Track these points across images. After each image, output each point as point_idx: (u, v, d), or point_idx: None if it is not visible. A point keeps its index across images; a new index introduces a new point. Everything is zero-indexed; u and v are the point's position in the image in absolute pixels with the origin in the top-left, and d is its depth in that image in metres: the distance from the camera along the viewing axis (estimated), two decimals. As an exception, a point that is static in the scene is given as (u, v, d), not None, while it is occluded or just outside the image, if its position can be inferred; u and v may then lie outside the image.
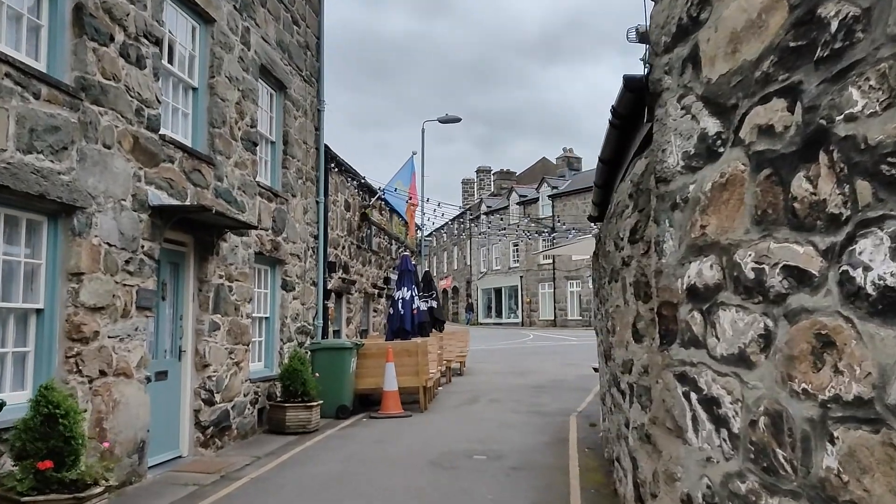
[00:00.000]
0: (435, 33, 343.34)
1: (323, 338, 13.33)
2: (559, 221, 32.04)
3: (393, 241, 19.83)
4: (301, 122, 12.64)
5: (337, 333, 15.32)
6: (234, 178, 9.74)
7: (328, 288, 13.75)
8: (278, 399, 11.00)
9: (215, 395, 9.23)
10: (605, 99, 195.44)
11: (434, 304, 18.71)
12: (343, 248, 15.31)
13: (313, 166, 13.21)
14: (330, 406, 11.69)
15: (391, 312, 14.62)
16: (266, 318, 11.47)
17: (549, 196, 48.24)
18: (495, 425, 10.93)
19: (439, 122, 23.83)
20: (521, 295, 51.89)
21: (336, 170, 14.44)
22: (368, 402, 13.11)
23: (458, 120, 24.00)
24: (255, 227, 9.54)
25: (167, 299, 8.50)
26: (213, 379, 9.19)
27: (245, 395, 10.15)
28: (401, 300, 14.40)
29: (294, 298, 12.22)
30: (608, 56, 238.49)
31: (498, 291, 55.32)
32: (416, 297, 14.62)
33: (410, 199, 16.72)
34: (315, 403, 10.80)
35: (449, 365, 17.70)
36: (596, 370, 16.34)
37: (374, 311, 18.78)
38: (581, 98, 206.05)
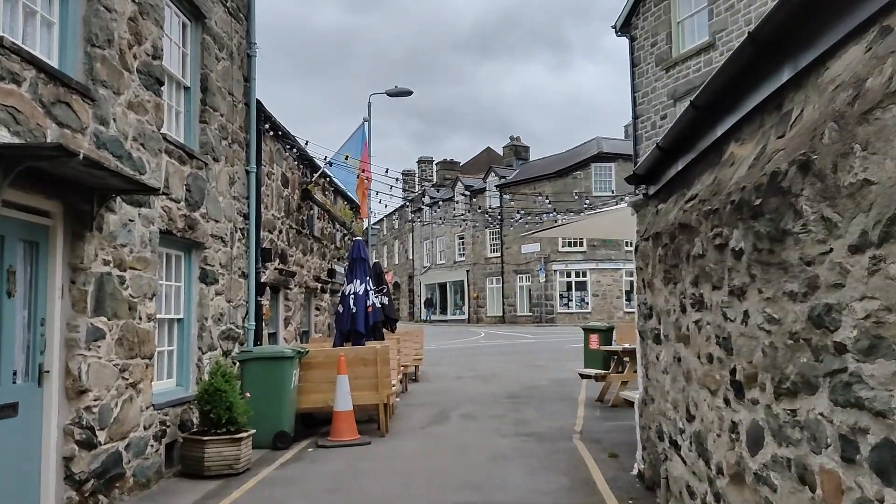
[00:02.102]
0: (368, 27, 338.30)
1: (256, 344, 10.54)
2: (520, 211, 29.83)
3: (338, 227, 17.05)
4: (225, 67, 9.80)
5: (273, 338, 12.52)
6: (126, 123, 6.90)
7: (262, 281, 10.97)
8: (195, 429, 8.21)
9: (98, 432, 6.40)
10: (538, 96, 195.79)
11: (385, 300, 16.03)
12: (280, 232, 12.51)
13: (242, 126, 10.37)
14: (265, 433, 8.96)
15: (340, 311, 11.89)
16: (178, 320, 8.64)
17: (496, 186, 45.96)
18: (485, 458, 8.37)
19: (387, 94, 21.11)
20: (468, 290, 49.51)
21: (271, 134, 11.63)
22: (313, 422, 10.41)
23: (408, 93, 21.34)
24: (157, 192, 6.73)
25: (16, 295, 5.64)
26: (95, 410, 6.36)
27: (146, 429, 7.33)
28: (352, 295, 11.71)
29: (217, 294, 9.41)
30: (541, 53, 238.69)
31: (443, 286, 52.85)
32: (370, 292, 11.95)
33: (363, 172, 14.02)
34: (245, 434, 8.05)
35: (405, 371, 15.08)
36: (584, 376, 14.02)
37: (317, 308, 15.99)
38: (514, 95, 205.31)
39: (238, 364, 9.43)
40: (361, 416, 10.18)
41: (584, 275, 41.62)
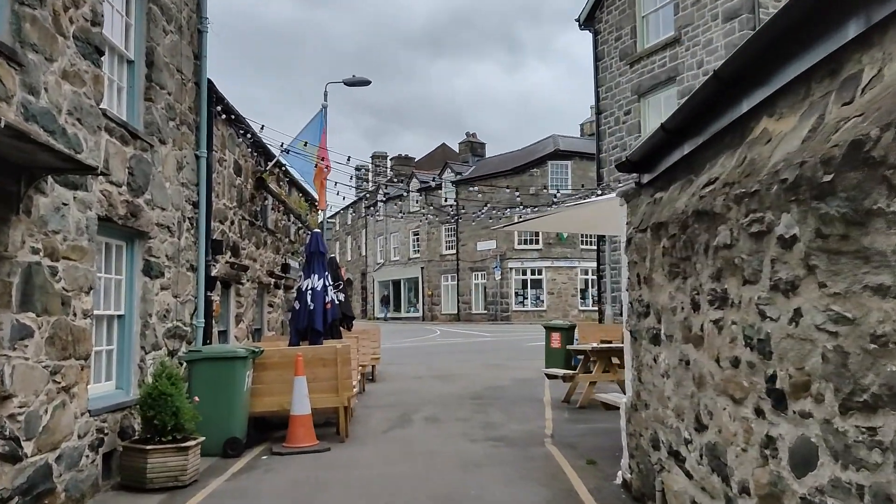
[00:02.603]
0: (319, 22, 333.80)
1: (205, 343, 9.77)
2: (486, 204, 29.29)
3: (293, 220, 16.27)
4: (174, 42, 9.01)
5: (223, 336, 11.74)
6: (59, 95, 6.12)
7: (212, 275, 10.20)
8: (136, 437, 7.45)
9: (24, 443, 5.62)
10: (492, 95, 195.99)
11: (342, 296, 15.33)
12: (232, 223, 11.72)
13: (191, 107, 9.58)
14: (215, 440, 8.24)
15: (296, 307, 11.17)
16: (119, 316, 7.86)
17: (452, 182, 45.45)
18: (455, 465, 7.80)
19: (345, 84, 20.33)
20: (423, 287, 48.88)
21: (224, 117, 10.85)
22: (267, 426, 9.71)
23: (366, 82, 20.63)
24: (95, 171, 5.97)
25: (-76, 287, 4.86)
26: (21, 418, 5.59)
27: (81, 437, 6.56)
28: (310, 291, 11.00)
29: (163, 288, 8.64)
30: (494, 52, 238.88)
31: (396, 284, 52.15)
32: (329, 287, 11.26)
33: (322, 160, 13.25)
34: (193, 442, 7.32)
35: (363, 371, 14.42)
36: (551, 376, 13.56)
37: (270, 305, 15.21)
38: (468, 93, 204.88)
39: (185, 365, 8.68)
40: (318, 420, 9.50)
41: (540, 273, 41.40)
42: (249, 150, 12.58)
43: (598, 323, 19.25)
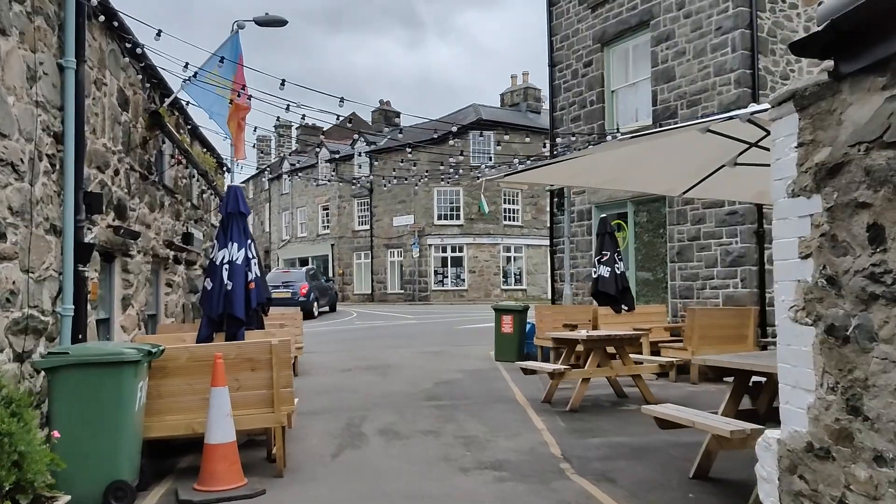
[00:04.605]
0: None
1: (75, 340, 6.78)
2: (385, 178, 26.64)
3: (197, 179, 13.13)
4: None
5: (104, 328, 8.70)
6: None
7: (87, 242, 7.18)
8: (-52, 504, 4.51)
9: None
10: (392, 72, 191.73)
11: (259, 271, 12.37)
12: (117, 173, 8.65)
13: (53, -8, 6.51)
14: (90, 489, 5.40)
15: (208, 287, 8.23)
16: (-79, 303, 4.84)
17: (366, 153, 42.41)
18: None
19: (256, 23, 17.10)
20: (333, 265, 45.71)
21: (103, 21, 7.75)
22: (168, 449, 6.91)
23: (282, 22, 17.44)
24: None
25: None
26: None
27: None
28: (226, 266, 8.09)
29: (5, 259, 5.64)
30: (391, 28, 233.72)
31: (304, 262, 48.74)
32: (252, 261, 8.39)
33: (243, 89, 10.11)
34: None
35: (288, 365, 11.60)
36: (527, 371, 11.15)
37: (168, 285, 12.09)
38: (367, 69, 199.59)
39: (44, 374, 5.73)
40: (241, 443, 6.74)
41: (461, 250, 39.09)
42: (141, 77, 9.45)
43: (552, 304, 17.04)
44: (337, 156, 45.38)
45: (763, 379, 6.26)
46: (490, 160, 37.55)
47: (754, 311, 12.01)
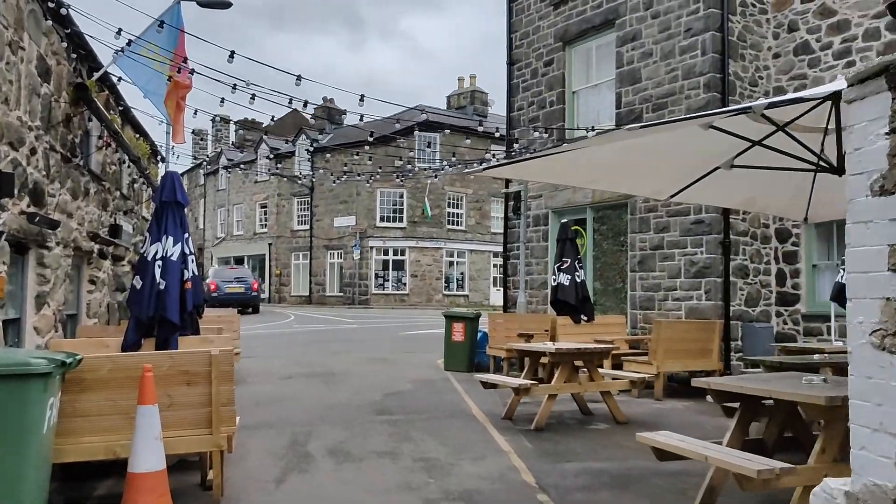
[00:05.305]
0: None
1: (-28, 344, 5.71)
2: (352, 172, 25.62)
3: (128, 165, 11.93)
4: None
5: (13, 330, 7.57)
6: None
7: (-7, 229, 6.11)
8: None
9: None
10: (334, 73, 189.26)
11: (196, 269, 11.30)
12: (33, 152, 7.54)
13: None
14: (-20, 531, 4.39)
15: (137, 285, 7.21)
16: None
17: (307, 150, 41.13)
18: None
19: (198, 4, 15.97)
20: (270, 266, 44.20)
21: (21, -26, 6.68)
22: (83, 471, 5.91)
23: (227, 4, 16.37)
24: None
25: None
26: None
27: None
28: (159, 262, 7.10)
29: None
30: (335, 29, 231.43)
31: (239, 261, 47.06)
32: (189, 258, 7.41)
33: (185, 62, 9.01)
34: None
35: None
36: (487, 385, 10.38)
37: (91, 282, 10.89)
38: (308, 69, 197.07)
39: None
40: (169, 460, 5.76)
41: (403, 253, 38.21)
42: (66, 46, 8.33)
43: (505, 312, 16.38)
44: (277, 151, 43.98)
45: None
46: (437, 162, 36.87)
47: (719, 325, 11.59)
